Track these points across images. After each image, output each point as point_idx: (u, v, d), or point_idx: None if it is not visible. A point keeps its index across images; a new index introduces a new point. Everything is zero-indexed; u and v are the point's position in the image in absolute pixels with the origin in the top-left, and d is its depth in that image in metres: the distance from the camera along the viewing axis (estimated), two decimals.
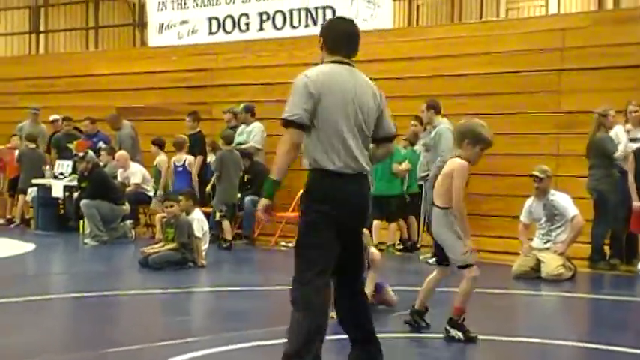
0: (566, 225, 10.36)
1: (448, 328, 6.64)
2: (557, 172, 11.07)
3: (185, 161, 14.04)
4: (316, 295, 5.03)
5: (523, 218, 10.64)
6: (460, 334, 6.56)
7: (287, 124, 5.05)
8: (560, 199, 10.38)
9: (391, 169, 12.47)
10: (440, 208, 6.66)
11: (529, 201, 10.65)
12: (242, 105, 14.41)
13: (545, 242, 10.44)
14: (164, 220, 11.31)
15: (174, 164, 14.05)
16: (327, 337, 5.16)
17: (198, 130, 14.73)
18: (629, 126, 11.10)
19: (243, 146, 13.86)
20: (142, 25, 17.76)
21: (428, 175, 11.65)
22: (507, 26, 13.40)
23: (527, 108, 12.50)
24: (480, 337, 6.72)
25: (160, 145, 14.65)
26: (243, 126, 14.31)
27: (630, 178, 10.60)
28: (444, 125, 11.67)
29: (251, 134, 14.11)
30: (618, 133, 11.03)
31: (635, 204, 10.56)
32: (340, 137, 5.04)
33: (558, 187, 10.85)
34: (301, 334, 5.01)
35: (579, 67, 12.20)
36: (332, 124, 5.02)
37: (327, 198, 5.06)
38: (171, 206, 10.85)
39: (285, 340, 5.10)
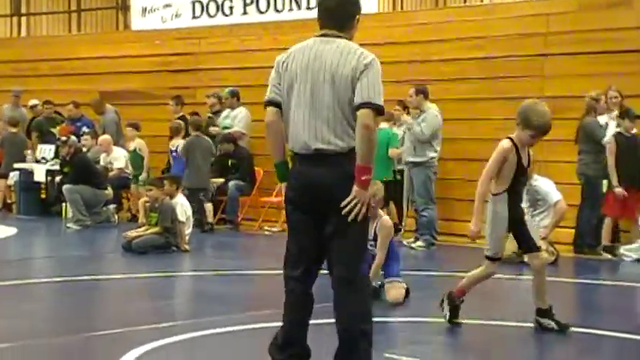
0: (549, 210, 10.37)
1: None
2: (540, 157, 11.06)
3: (179, 146, 13.97)
4: (287, 294, 4.98)
5: None
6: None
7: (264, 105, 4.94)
8: (543, 184, 10.39)
9: (379, 154, 12.45)
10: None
11: None
12: (227, 89, 14.36)
13: None
14: (147, 204, 11.28)
15: (171, 149, 13.99)
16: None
17: (181, 114, 14.68)
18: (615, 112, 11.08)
19: (229, 130, 13.83)
20: (125, 8, 17.64)
21: (416, 161, 11.67)
22: (492, 11, 13.37)
23: (511, 93, 12.47)
24: (463, 320, 6.73)
25: (136, 127, 14.57)
26: (228, 110, 14.26)
27: (611, 162, 10.62)
28: (433, 110, 11.68)
29: (236, 119, 14.07)
30: (607, 120, 11.04)
31: (617, 189, 10.60)
32: (292, 114, 4.76)
33: (542, 172, 10.86)
34: (281, 329, 5.01)
35: (563, 52, 12.20)
36: (288, 101, 4.80)
37: (290, 183, 4.87)
38: (151, 190, 10.85)
39: (268, 323, 5.10)
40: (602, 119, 11.02)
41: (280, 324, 5.23)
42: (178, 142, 13.83)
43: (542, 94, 12.26)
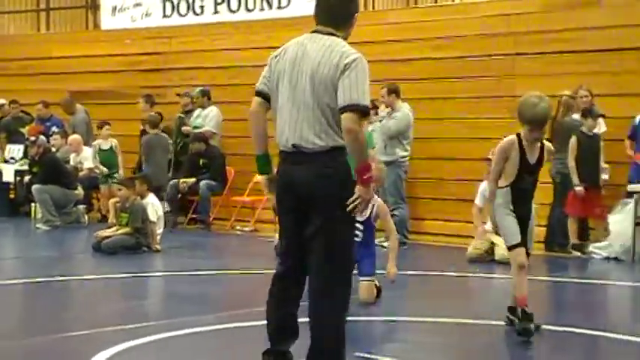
0: None
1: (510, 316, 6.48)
2: None
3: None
4: (271, 290, 4.94)
5: (478, 201, 10.67)
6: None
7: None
8: None
9: None
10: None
11: (483, 184, 10.68)
12: (198, 89, 14.32)
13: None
14: (118, 204, 11.21)
15: None
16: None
17: (152, 113, 14.61)
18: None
19: (200, 129, 13.79)
20: (95, 7, 17.52)
21: (386, 160, 11.68)
22: (461, 10, 13.42)
23: (481, 92, 12.56)
24: (435, 319, 6.75)
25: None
26: (199, 110, 14.22)
27: (572, 161, 10.66)
28: (404, 109, 11.70)
29: (207, 118, 14.03)
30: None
31: (577, 188, 10.67)
32: (278, 109, 4.75)
33: None
34: (268, 326, 5.00)
35: (532, 52, 12.27)
36: (275, 97, 4.80)
37: (277, 181, 4.86)
38: (121, 189, 10.81)
39: (240, 323, 5.08)
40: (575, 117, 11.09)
41: (254, 323, 5.23)
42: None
43: (513, 94, 12.35)
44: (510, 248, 6.34)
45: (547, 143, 6.37)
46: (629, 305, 8.48)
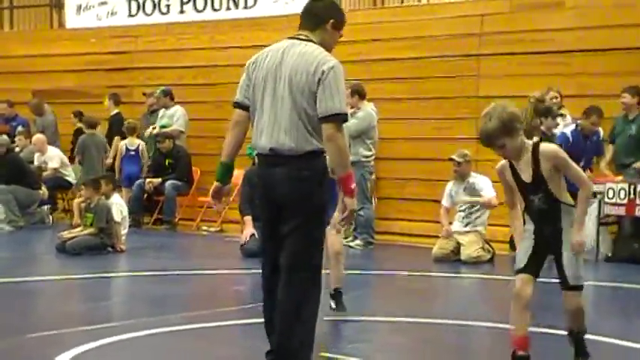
0: (485, 209, 10.53)
1: None
2: (476, 157, 11.18)
3: (139, 146, 13.87)
4: (263, 289, 4.97)
5: (445, 202, 10.74)
6: None
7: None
8: (481, 181, 10.52)
9: None
10: None
11: (449, 185, 10.76)
12: (160, 89, 14.25)
13: (466, 225, 10.57)
14: (83, 204, 11.12)
15: (127, 148, 13.85)
16: None
17: (117, 111, 14.54)
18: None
19: (167, 129, 13.72)
20: (60, 5, 17.37)
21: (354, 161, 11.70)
22: (427, 11, 13.48)
23: (446, 93, 12.62)
24: (401, 319, 6.76)
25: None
26: (163, 110, 14.15)
27: None
28: (368, 108, 11.71)
29: (174, 117, 13.96)
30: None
31: None
32: (257, 115, 4.81)
33: (479, 170, 10.98)
34: (265, 325, 5.02)
35: (497, 53, 12.35)
36: (254, 102, 4.85)
37: (257, 182, 4.97)
38: (82, 190, 10.77)
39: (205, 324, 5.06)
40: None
41: (219, 323, 5.22)
42: (138, 142, 13.87)
43: (477, 94, 12.44)
44: (515, 272, 5.38)
45: (543, 148, 5.19)
46: (594, 304, 8.54)
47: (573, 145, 10.21)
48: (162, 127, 13.82)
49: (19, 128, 15.02)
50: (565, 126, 10.80)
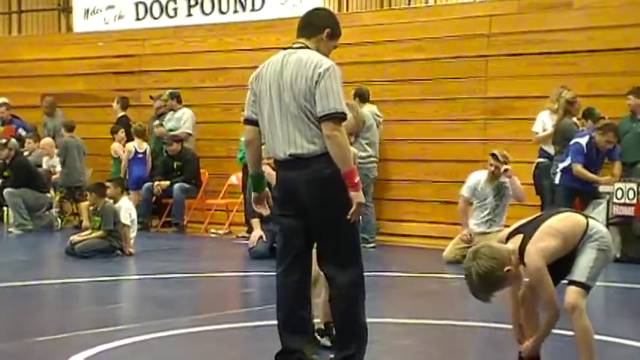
0: (506, 208, 10.21)
1: None
2: (484, 158, 11.17)
3: (147, 149, 13.89)
4: (279, 289, 5.05)
5: (466, 193, 10.26)
6: None
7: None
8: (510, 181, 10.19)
9: None
10: None
11: (476, 176, 10.31)
12: (167, 92, 14.26)
13: (489, 227, 10.15)
14: (91, 208, 11.13)
15: (136, 150, 13.86)
16: None
17: (123, 114, 14.55)
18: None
19: (175, 132, 13.73)
20: (67, 10, 17.41)
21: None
22: (435, 12, 13.46)
23: (454, 94, 12.59)
24: (409, 321, 6.74)
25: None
26: (170, 113, 14.15)
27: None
28: (366, 111, 11.65)
29: (181, 120, 13.96)
30: (544, 119, 11.14)
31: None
32: (269, 124, 4.97)
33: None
34: (278, 323, 5.08)
35: (506, 54, 12.32)
36: (261, 112, 5.01)
37: (278, 187, 5.07)
38: (87, 195, 10.81)
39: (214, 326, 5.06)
40: (540, 118, 11.08)
41: (228, 326, 5.21)
42: (146, 145, 13.89)
43: (486, 95, 12.42)
44: None
45: (526, 262, 4.92)
46: (603, 305, 8.51)
47: (587, 155, 10.17)
48: (170, 130, 13.82)
49: (20, 130, 15.05)
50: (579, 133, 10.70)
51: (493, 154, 10.21)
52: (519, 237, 5.00)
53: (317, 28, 5.06)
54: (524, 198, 10.24)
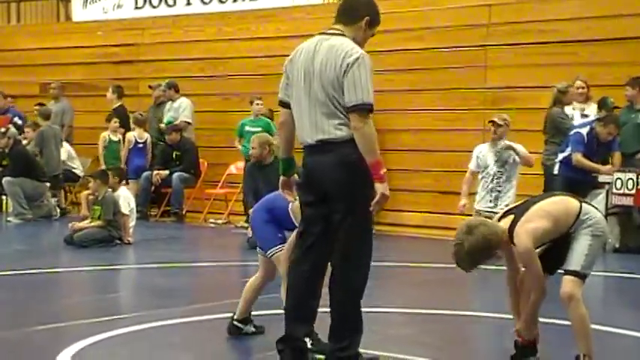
0: (512, 179, 9.98)
1: None
2: None
3: (147, 139, 13.87)
4: (289, 276, 5.08)
5: (471, 165, 10.16)
6: None
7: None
8: (515, 145, 10.01)
9: None
10: None
11: (479, 148, 10.22)
12: (165, 82, 14.22)
13: (495, 205, 9.82)
14: (91, 197, 11.12)
15: (136, 140, 13.84)
16: None
17: (119, 104, 14.53)
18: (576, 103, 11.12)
19: (176, 122, 13.71)
20: None
21: None
22: (434, 2, 13.42)
23: (454, 84, 12.58)
24: (408, 310, 6.75)
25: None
26: (169, 102, 14.13)
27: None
28: None
29: (179, 109, 13.94)
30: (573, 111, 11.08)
31: None
32: (298, 109, 4.98)
33: None
34: (285, 309, 5.11)
35: (505, 43, 12.30)
36: (293, 97, 5.01)
37: (301, 173, 5.09)
38: (91, 182, 10.77)
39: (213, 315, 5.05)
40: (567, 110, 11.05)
41: (226, 315, 5.19)
42: (147, 135, 13.87)
43: (485, 85, 12.41)
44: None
45: (515, 242, 4.98)
46: (602, 296, 8.53)
47: (587, 145, 10.15)
48: (169, 122, 13.78)
49: (16, 119, 15.05)
50: (591, 119, 10.66)
51: (491, 121, 10.11)
52: (510, 217, 5.05)
53: (356, 15, 5.04)
54: (531, 161, 10.01)
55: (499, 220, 5.12)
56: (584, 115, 11.01)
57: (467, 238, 4.91)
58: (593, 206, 5.25)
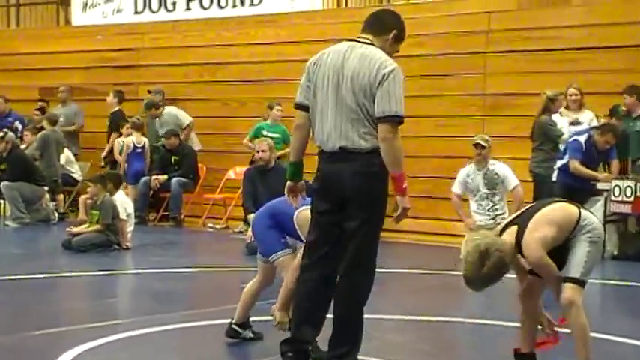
0: (504, 196, 10.20)
1: None
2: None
3: (145, 143, 13.86)
4: (299, 284, 5.09)
5: (456, 189, 10.32)
6: None
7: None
8: (501, 168, 10.23)
9: None
10: None
11: (465, 171, 10.36)
12: (144, 101, 14.13)
13: (493, 218, 10.10)
14: (89, 201, 11.11)
15: (134, 145, 13.83)
16: None
17: (118, 108, 14.53)
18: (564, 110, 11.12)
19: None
20: (66, 3, 17.39)
21: None
22: (434, 8, 13.45)
23: (453, 90, 12.59)
24: (404, 317, 6.74)
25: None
26: (157, 120, 13.98)
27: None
28: None
29: (173, 119, 13.84)
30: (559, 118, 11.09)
31: None
32: (319, 113, 4.95)
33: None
34: (293, 315, 5.13)
35: (505, 50, 12.32)
36: (314, 101, 4.97)
37: (317, 176, 5.05)
38: (90, 187, 10.76)
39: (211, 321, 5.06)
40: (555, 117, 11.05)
41: (225, 321, 5.18)
42: (144, 139, 13.83)
43: (484, 92, 12.42)
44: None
45: (523, 246, 4.99)
46: (600, 303, 8.52)
47: (585, 153, 10.15)
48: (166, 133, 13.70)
49: (17, 124, 15.05)
50: (584, 126, 10.67)
51: (475, 144, 10.22)
52: (514, 228, 5.03)
53: (384, 28, 5.06)
54: (522, 199, 10.14)
55: (501, 232, 5.09)
56: (572, 124, 10.99)
57: (484, 263, 4.83)
58: (589, 212, 5.27)
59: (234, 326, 5.97)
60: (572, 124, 10.99)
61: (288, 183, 5.17)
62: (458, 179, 10.39)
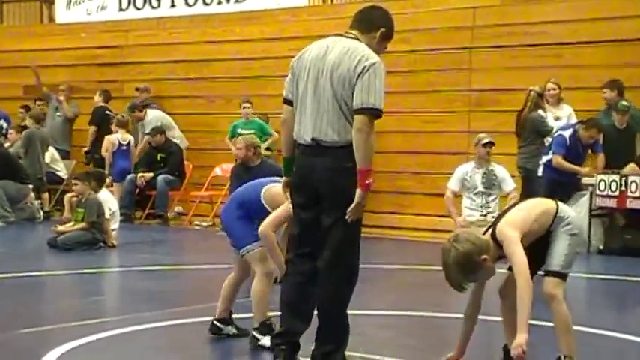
0: (498, 198, 10.23)
1: None
2: (468, 150, 11.19)
3: (130, 141, 13.82)
4: (286, 278, 5.08)
5: (453, 186, 10.25)
6: None
7: None
8: (500, 170, 10.27)
9: None
10: None
11: (464, 168, 10.34)
12: (128, 106, 14.11)
13: (485, 215, 10.12)
14: (74, 199, 11.07)
15: (119, 142, 13.78)
16: None
17: (100, 105, 14.48)
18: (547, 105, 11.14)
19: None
20: (49, 0, 17.33)
21: None
22: (420, 4, 13.45)
23: (439, 86, 12.61)
24: (391, 312, 6.75)
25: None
26: (139, 124, 14.00)
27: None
28: None
29: (154, 122, 13.80)
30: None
31: None
32: (299, 106, 4.93)
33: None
34: (282, 308, 5.10)
35: (490, 46, 12.34)
36: (297, 93, 4.96)
37: (294, 171, 5.04)
38: (76, 184, 10.71)
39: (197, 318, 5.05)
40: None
41: (211, 318, 5.17)
42: (129, 137, 13.77)
43: (470, 87, 12.44)
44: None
45: (498, 234, 5.02)
46: (586, 297, 8.56)
47: (570, 148, 10.16)
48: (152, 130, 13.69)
49: (2, 122, 14.98)
50: (564, 121, 10.71)
51: (486, 143, 10.18)
52: (490, 229, 5.09)
53: (372, 25, 5.04)
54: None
55: (484, 233, 5.13)
56: (557, 119, 11.00)
57: (452, 246, 4.87)
58: (566, 206, 5.31)
59: (215, 322, 5.97)
60: (556, 119, 11.01)
61: (284, 178, 5.17)
62: (455, 176, 10.31)
